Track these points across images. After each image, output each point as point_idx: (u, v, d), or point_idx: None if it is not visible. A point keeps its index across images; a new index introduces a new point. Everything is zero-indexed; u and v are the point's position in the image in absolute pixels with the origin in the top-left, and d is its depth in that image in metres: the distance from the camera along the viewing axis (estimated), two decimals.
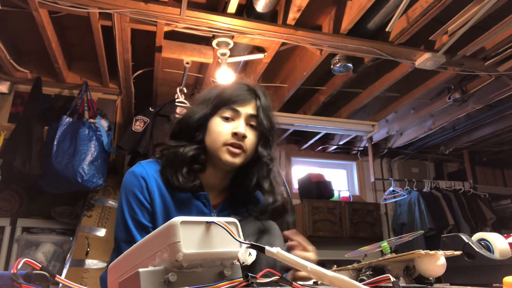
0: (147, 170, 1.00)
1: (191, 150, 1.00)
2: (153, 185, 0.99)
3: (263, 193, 1.05)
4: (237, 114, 1.01)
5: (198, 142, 1.02)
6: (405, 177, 4.45)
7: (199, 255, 0.52)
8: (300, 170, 4.57)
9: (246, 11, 2.20)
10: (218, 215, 1.02)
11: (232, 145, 0.98)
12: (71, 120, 2.62)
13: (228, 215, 0.95)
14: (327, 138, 4.41)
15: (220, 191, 1.08)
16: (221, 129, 0.99)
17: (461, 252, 0.74)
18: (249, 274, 0.54)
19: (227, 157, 0.98)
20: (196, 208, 1.01)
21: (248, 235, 0.94)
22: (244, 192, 1.06)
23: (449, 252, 0.69)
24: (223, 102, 1.02)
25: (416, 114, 3.67)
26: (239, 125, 0.99)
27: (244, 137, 0.99)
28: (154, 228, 0.97)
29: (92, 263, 2.62)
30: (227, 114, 1.01)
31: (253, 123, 1.02)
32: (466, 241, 0.77)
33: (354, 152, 4.68)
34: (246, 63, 2.89)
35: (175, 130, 1.06)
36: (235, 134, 0.98)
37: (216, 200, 1.06)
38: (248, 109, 1.02)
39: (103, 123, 2.71)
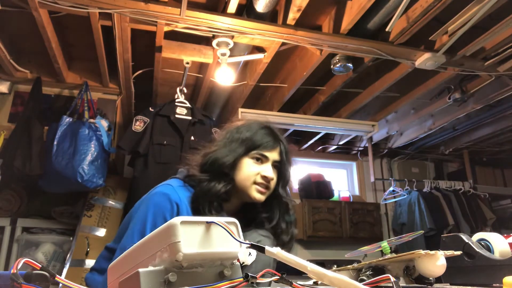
0: (180, 196, 1.08)
1: (224, 187, 1.11)
2: (184, 212, 1.07)
3: (279, 230, 1.16)
4: (265, 158, 1.15)
5: (229, 179, 1.13)
6: (405, 177, 4.45)
7: (199, 255, 0.52)
8: (300, 170, 4.57)
9: (246, 11, 2.20)
10: None
11: (260, 185, 1.13)
12: (71, 120, 2.62)
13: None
14: (327, 138, 4.41)
15: (233, 215, 1.16)
16: (252, 170, 1.13)
17: (461, 252, 0.74)
18: (249, 274, 0.54)
19: (255, 195, 1.13)
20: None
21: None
22: (256, 222, 1.16)
23: (449, 252, 0.69)
24: (254, 147, 1.15)
25: (416, 114, 3.67)
26: (268, 169, 1.14)
27: (272, 179, 1.14)
28: None
29: (92, 263, 2.61)
30: (258, 157, 1.15)
31: (277, 165, 1.17)
32: (466, 241, 0.77)
33: (354, 152, 4.68)
34: (246, 63, 2.89)
35: (206, 164, 1.15)
36: (264, 177, 1.13)
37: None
38: (274, 155, 1.16)
39: (103, 123, 2.71)
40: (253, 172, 1.13)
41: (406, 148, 4.46)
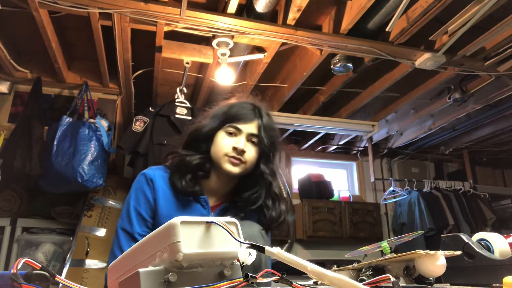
0: (155, 173, 1.16)
1: (196, 159, 1.14)
2: (159, 186, 1.13)
3: (265, 208, 1.16)
4: (239, 131, 1.14)
5: (204, 153, 1.16)
6: (405, 177, 4.45)
7: (199, 255, 0.52)
8: (300, 170, 4.57)
9: (246, 11, 2.20)
10: (215, 214, 1.15)
11: (232, 157, 1.12)
12: (71, 120, 2.62)
13: (227, 215, 1.11)
14: (327, 138, 4.40)
15: (221, 196, 1.20)
16: (224, 142, 1.13)
17: (461, 252, 0.74)
18: (249, 274, 0.54)
19: (227, 167, 1.12)
20: (196, 210, 1.14)
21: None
22: (243, 202, 1.16)
23: (449, 252, 0.69)
24: (228, 119, 1.16)
25: (416, 114, 3.67)
26: (239, 141, 1.13)
27: (243, 151, 1.12)
28: (154, 226, 1.10)
29: (92, 263, 2.62)
30: (231, 130, 1.15)
31: (254, 140, 1.15)
32: (466, 241, 0.77)
33: (354, 152, 4.68)
34: (246, 63, 2.89)
35: (186, 141, 1.20)
36: (235, 149, 1.12)
37: (216, 203, 1.19)
38: (250, 128, 1.15)
39: (103, 123, 2.71)
40: (225, 144, 1.13)
41: (406, 148, 4.46)
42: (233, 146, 1.12)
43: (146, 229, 1.10)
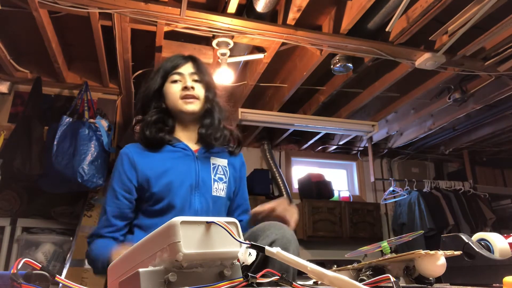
0: (128, 147, 1.25)
1: (153, 114, 1.25)
2: (134, 153, 1.21)
3: (215, 123, 1.28)
4: (181, 75, 1.26)
5: (161, 109, 1.26)
6: (405, 177, 4.45)
7: (199, 255, 0.52)
8: (300, 170, 4.57)
9: (246, 11, 2.20)
10: (200, 156, 1.25)
11: (185, 97, 1.23)
12: (71, 120, 2.62)
13: (212, 153, 1.27)
14: (327, 138, 4.40)
15: (196, 142, 1.29)
16: (174, 89, 1.25)
17: (461, 252, 0.74)
18: (249, 274, 0.54)
19: (186, 107, 1.23)
20: (182, 157, 1.22)
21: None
22: (205, 133, 1.27)
23: (449, 252, 0.69)
24: (168, 71, 1.27)
25: (416, 114, 3.67)
26: (186, 82, 1.24)
27: (192, 88, 1.24)
28: (151, 193, 1.16)
29: None
30: (174, 77, 1.26)
31: (196, 78, 1.27)
32: (466, 241, 0.77)
33: (354, 152, 4.68)
34: (246, 63, 2.89)
35: (139, 107, 1.31)
36: (185, 88, 1.23)
37: (196, 147, 1.28)
38: (188, 68, 1.28)
39: (103, 123, 2.71)
40: (175, 91, 1.24)
41: (406, 148, 4.46)
42: (182, 87, 1.24)
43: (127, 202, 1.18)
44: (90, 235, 1.19)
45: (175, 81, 1.26)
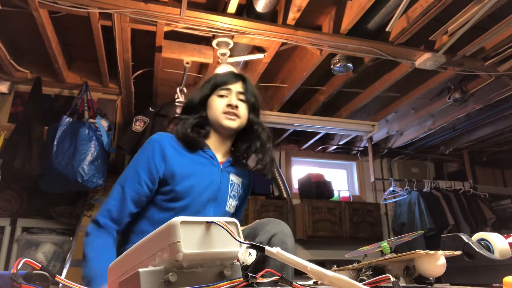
0: (161, 136, 1.25)
1: (193, 119, 1.28)
2: (167, 145, 1.22)
3: (254, 151, 1.32)
4: (229, 91, 1.30)
5: (199, 113, 1.30)
6: (405, 177, 4.45)
7: (199, 255, 0.52)
8: (300, 170, 4.57)
9: (246, 11, 2.20)
10: (223, 169, 1.28)
11: (228, 113, 1.27)
12: (71, 120, 2.62)
13: (232, 170, 1.30)
14: (327, 138, 4.40)
15: (224, 153, 1.33)
16: (219, 103, 1.29)
17: (461, 252, 0.74)
18: (249, 274, 0.54)
19: (226, 122, 1.26)
20: (206, 164, 1.26)
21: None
22: (241, 152, 1.32)
23: (449, 252, 0.69)
24: (217, 85, 1.32)
25: (416, 114, 3.67)
26: (232, 99, 1.29)
27: (236, 107, 1.27)
28: (171, 179, 1.18)
29: None
30: (222, 92, 1.30)
31: (242, 98, 1.31)
32: (466, 241, 0.77)
33: (354, 152, 4.68)
34: (246, 63, 2.89)
35: (183, 110, 1.36)
36: (229, 105, 1.27)
37: (222, 160, 1.31)
38: (237, 87, 1.32)
39: (103, 123, 2.71)
40: (220, 104, 1.28)
41: (406, 148, 4.46)
42: (227, 104, 1.27)
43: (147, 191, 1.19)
44: (95, 221, 1.20)
45: (221, 96, 1.30)
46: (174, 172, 1.18)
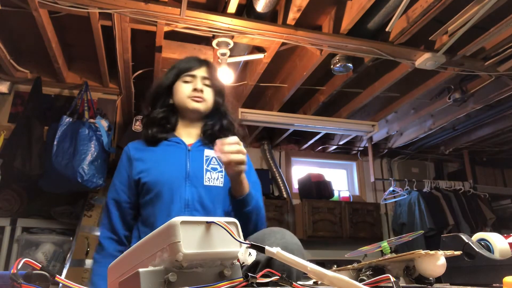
0: (129, 145, 1.33)
1: (160, 112, 1.31)
2: (132, 148, 1.30)
3: (225, 126, 1.34)
4: (193, 77, 1.32)
5: (168, 106, 1.33)
6: (405, 177, 4.45)
7: (199, 255, 0.52)
8: (300, 170, 4.57)
9: (246, 11, 2.20)
10: (192, 150, 1.28)
11: (193, 96, 1.29)
12: (71, 120, 2.62)
13: (207, 147, 1.29)
14: (327, 138, 4.40)
15: (195, 137, 1.34)
16: (184, 88, 1.31)
17: (461, 252, 0.74)
18: (249, 274, 0.54)
19: (193, 105, 1.29)
20: (174, 151, 1.28)
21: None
22: (210, 127, 1.34)
23: (449, 252, 0.69)
24: (181, 71, 1.33)
25: (416, 114, 3.67)
26: (197, 84, 1.31)
27: (201, 91, 1.30)
28: (140, 175, 1.23)
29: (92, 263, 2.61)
30: (187, 78, 1.32)
31: (207, 82, 1.33)
32: (466, 241, 0.77)
33: (354, 152, 4.68)
34: (246, 63, 2.89)
35: (150, 100, 1.36)
36: (195, 90, 1.30)
37: (192, 142, 1.32)
38: (201, 72, 1.33)
39: (103, 123, 2.71)
40: (185, 89, 1.30)
41: (406, 148, 4.46)
42: (192, 88, 1.30)
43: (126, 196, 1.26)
44: (99, 242, 1.26)
45: (186, 82, 1.32)
46: (140, 168, 1.24)
